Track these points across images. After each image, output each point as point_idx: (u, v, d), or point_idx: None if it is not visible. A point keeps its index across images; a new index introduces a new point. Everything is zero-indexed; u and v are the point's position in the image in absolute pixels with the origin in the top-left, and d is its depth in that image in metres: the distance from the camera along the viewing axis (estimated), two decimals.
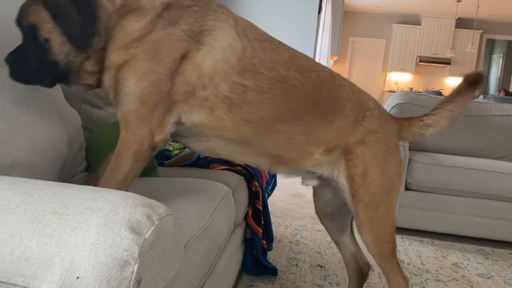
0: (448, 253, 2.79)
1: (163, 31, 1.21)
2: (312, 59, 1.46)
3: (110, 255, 0.68)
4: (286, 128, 1.36)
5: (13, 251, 0.70)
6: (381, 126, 1.47)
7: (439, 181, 2.98)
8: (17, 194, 0.77)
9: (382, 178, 1.46)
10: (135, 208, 0.75)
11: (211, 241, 1.35)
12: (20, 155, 1.19)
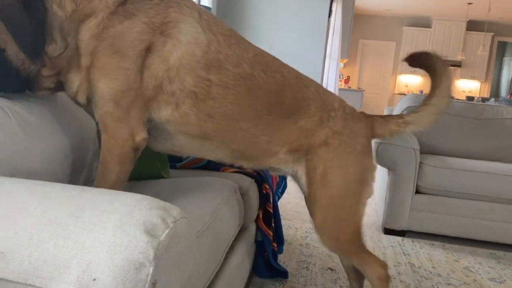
0: (459, 257, 2.78)
1: (121, 25, 1.19)
2: (278, 60, 1.47)
3: (126, 258, 0.69)
4: (249, 126, 1.36)
5: (31, 253, 0.71)
6: (346, 127, 1.45)
7: (450, 184, 2.96)
8: (35, 197, 0.78)
9: (343, 181, 1.44)
10: (150, 210, 0.76)
11: (216, 238, 1.36)
12: (38, 164, 1.21)
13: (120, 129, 1.22)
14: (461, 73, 11.74)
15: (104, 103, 1.21)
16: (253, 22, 4.72)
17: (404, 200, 3.01)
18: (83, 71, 1.21)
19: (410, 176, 2.98)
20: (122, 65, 1.19)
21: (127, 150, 1.23)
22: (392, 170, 3.02)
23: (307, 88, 1.45)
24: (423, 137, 3.30)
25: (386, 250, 2.78)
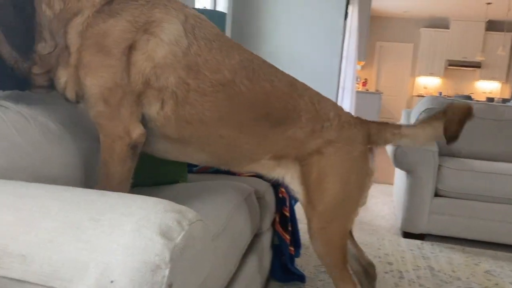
0: (480, 261, 2.74)
1: (105, 24, 1.20)
2: (271, 67, 1.41)
3: (143, 260, 0.71)
4: (230, 135, 1.32)
5: (51, 256, 0.73)
6: (341, 136, 1.40)
7: (470, 187, 2.93)
8: (56, 201, 0.80)
9: (340, 188, 1.40)
10: (166, 214, 0.77)
11: (232, 241, 1.38)
12: (57, 169, 1.24)
13: (114, 127, 1.23)
14: (481, 74, 11.58)
15: (95, 102, 1.23)
16: (268, 27, 4.74)
17: (423, 203, 2.98)
18: (71, 68, 1.24)
19: (429, 179, 2.96)
20: (107, 62, 1.20)
21: (125, 148, 1.23)
22: (410, 173, 3.00)
23: (300, 98, 1.39)
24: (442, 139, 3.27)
25: (405, 254, 2.76)
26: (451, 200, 2.99)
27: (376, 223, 3.37)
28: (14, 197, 0.82)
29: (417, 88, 12.09)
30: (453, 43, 11.53)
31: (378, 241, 2.95)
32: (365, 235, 3.06)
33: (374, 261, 2.56)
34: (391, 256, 2.70)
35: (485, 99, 10.34)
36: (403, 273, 2.47)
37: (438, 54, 11.69)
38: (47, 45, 1.24)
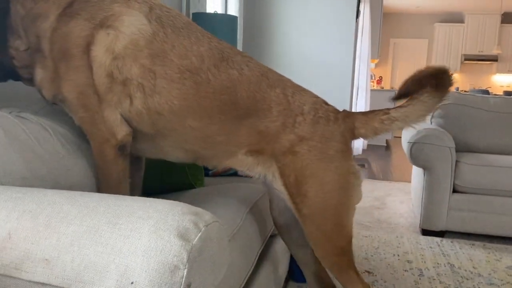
0: (501, 256, 2.72)
1: (66, 26, 1.22)
2: (246, 56, 1.37)
3: (161, 261, 0.72)
4: (200, 126, 1.28)
5: (73, 259, 0.75)
6: (315, 132, 1.31)
7: (489, 182, 2.91)
8: (75, 206, 0.82)
9: (319, 191, 1.31)
10: (183, 216, 0.79)
11: (248, 240, 1.40)
12: (77, 178, 1.27)
13: (98, 131, 1.25)
14: (498, 67, 11.41)
15: (75, 109, 1.25)
16: (279, 28, 4.75)
17: (442, 200, 2.97)
18: (48, 72, 1.27)
19: (446, 175, 2.94)
20: (72, 65, 1.21)
21: (113, 150, 1.25)
22: (427, 170, 2.98)
23: (271, 89, 1.32)
24: (459, 135, 3.25)
25: (425, 251, 2.75)
26: (470, 196, 2.97)
27: (394, 221, 3.35)
28: (34, 204, 0.84)
29: None
30: (468, 37, 11.39)
31: (397, 239, 2.94)
32: (384, 233, 3.05)
33: (393, 260, 2.56)
34: (410, 254, 2.69)
35: (502, 92, 10.19)
36: (423, 270, 2.46)
37: (454, 49, 11.57)
38: (23, 42, 1.29)
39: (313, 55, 4.72)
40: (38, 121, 1.25)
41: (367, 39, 5.78)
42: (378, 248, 2.76)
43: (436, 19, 11.69)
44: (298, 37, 4.74)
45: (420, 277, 2.37)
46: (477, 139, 3.29)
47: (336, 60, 4.69)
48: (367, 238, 2.92)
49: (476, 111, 3.29)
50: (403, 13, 11.76)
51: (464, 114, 3.29)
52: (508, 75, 11.53)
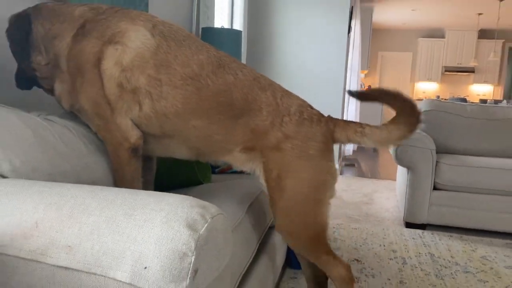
0: (476, 247, 2.71)
1: (79, 45, 1.25)
2: (240, 64, 1.37)
3: (172, 249, 0.73)
4: (201, 125, 1.29)
5: (93, 246, 0.75)
6: (299, 132, 1.30)
7: (466, 180, 2.90)
8: (95, 199, 0.83)
9: (296, 186, 1.31)
10: (191, 208, 0.79)
11: (249, 232, 1.40)
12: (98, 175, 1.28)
13: (113, 137, 1.27)
14: (475, 78, 11.39)
15: (91, 117, 1.28)
16: (279, 42, 4.75)
17: (423, 196, 2.96)
18: (66, 85, 1.31)
19: (427, 174, 2.93)
20: (86, 78, 1.24)
21: (127, 153, 1.27)
22: (411, 169, 2.98)
23: (263, 91, 1.32)
24: (439, 138, 3.25)
25: (408, 242, 2.74)
26: (449, 193, 2.96)
27: (381, 215, 3.35)
28: (58, 197, 0.85)
29: (416, 92, 11.96)
30: (448, 50, 11.38)
31: (383, 231, 2.93)
32: (371, 226, 3.04)
33: (379, 249, 2.55)
34: (395, 245, 2.69)
35: (478, 100, 10.18)
36: (406, 259, 2.46)
37: (435, 61, 11.55)
38: (43, 58, 1.33)
39: (309, 66, 4.72)
40: (63, 123, 1.27)
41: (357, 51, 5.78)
42: (366, 239, 2.75)
43: (420, 34, 11.69)
44: (296, 50, 4.74)
45: (404, 265, 2.37)
46: (456, 142, 3.29)
47: (329, 70, 4.69)
48: (356, 230, 2.92)
49: (455, 117, 3.29)
50: (390, 29, 11.75)
51: (444, 120, 3.28)
52: (483, 85, 11.52)
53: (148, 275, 0.72)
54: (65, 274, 0.76)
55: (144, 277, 0.72)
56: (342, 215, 3.28)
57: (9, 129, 1.06)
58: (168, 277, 0.71)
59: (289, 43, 4.75)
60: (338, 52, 4.66)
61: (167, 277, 0.71)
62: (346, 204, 3.61)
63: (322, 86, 4.72)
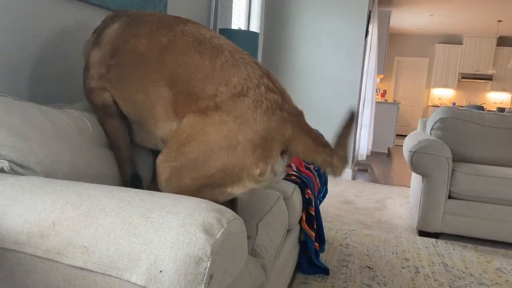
0: (491, 258, 2.66)
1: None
2: (193, 23, 1.26)
3: (187, 253, 0.72)
4: (144, 98, 1.22)
5: (108, 248, 0.75)
6: (234, 109, 1.09)
7: (482, 190, 2.85)
8: (112, 200, 0.82)
9: (200, 161, 1.10)
10: (208, 212, 0.79)
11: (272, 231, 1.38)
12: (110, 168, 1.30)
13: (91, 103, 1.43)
14: (492, 86, 11.24)
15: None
16: (296, 44, 4.74)
17: (438, 204, 2.92)
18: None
19: (443, 182, 2.89)
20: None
21: (100, 113, 1.40)
22: (426, 177, 2.94)
23: (200, 55, 1.16)
24: (456, 146, 3.20)
25: (421, 251, 2.71)
26: (464, 202, 2.91)
27: (394, 222, 3.31)
28: (75, 196, 0.85)
29: (432, 98, 11.83)
30: (465, 57, 11.24)
31: (395, 239, 2.90)
32: (384, 233, 3.01)
33: (392, 257, 2.52)
34: (407, 253, 2.65)
35: (496, 109, 10.04)
36: (418, 268, 2.42)
37: (452, 68, 11.42)
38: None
39: (325, 69, 4.70)
40: (79, 115, 1.30)
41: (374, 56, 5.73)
42: (379, 246, 2.72)
43: (437, 40, 11.57)
44: (312, 53, 4.72)
45: (416, 274, 2.34)
46: (473, 151, 3.24)
47: (346, 74, 4.66)
48: (369, 237, 2.89)
49: (472, 125, 3.24)
50: (407, 34, 11.66)
51: (461, 128, 3.24)
52: (501, 93, 11.36)
53: (163, 279, 0.71)
54: (80, 274, 0.76)
55: (159, 281, 0.71)
56: (355, 221, 3.25)
57: (32, 122, 1.08)
58: (183, 281, 0.71)
59: (306, 46, 4.73)
60: (354, 56, 4.63)
61: (182, 281, 0.71)
62: (359, 210, 3.57)
63: (338, 89, 4.69)
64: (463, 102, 11.54)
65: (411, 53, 11.82)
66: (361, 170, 5.65)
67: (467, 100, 11.61)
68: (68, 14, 1.72)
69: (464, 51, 11.24)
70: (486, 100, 11.52)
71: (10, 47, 1.46)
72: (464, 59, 11.25)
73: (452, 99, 11.71)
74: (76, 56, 1.79)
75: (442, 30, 10.94)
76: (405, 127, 11.64)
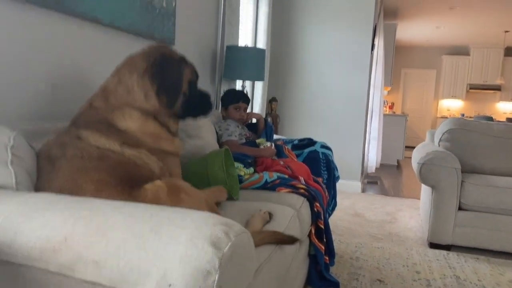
0: (504, 271, 2.62)
1: None
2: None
3: (196, 267, 0.73)
4: None
5: (119, 262, 0.76)
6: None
7: (492, 201, 2.83)
8: (121, 215, 0.84)
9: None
10: (215, 226, 0.80)
11: (281, 262, 1.38)
12: None
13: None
14: (501, 96, 11.16)
15: None
16: (302, 59, 4.77)
17: (448, 216, 2.90)
18: None
19: (452, 194, 2.87)
20: None
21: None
22: (435, 189, 2.92)
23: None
24: (464, 157, 3.17)
25: (432, 263, 2.68)
26: (474, 214, 2.89)
27: (404, 235, 3.29)
28: (87, 211, 0.86)
29: (440, 110, 11.78)
30: (473, 68, 11.19)
31: (406, 251, 2.87)
32: (394, 245, 2.99)
33: (403, 270, 2.50)
34: (418, 265, 2.63)
35: (505, 119, 9.96)
36: (430, 281, 2.40)
37: (460, 79, 11.37)
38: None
39: (332, 83, 4.72)
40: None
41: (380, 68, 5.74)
42: (389, 259, 2.70)
43: (444, 51, 11.57)
44: (319, 66, 4.75)
45: (428, 287, 2.31)
46: (482, 162, 3.21)
47: (353, 87, 4.68)
48: (379, 249, 2.87)
49: (481, 136, 3.22)
50: (414, 45, 11.67)
51: (470, 139, 3.22)
52: (510, 103, 11.28)
53: None
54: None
55: None
56: (365, 234, 3.23)
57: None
58: None
59: (312, 60, 4.76)
60: (361, 69, 4.64)
61: None
62: (369, 223, 3.55)
63: (346, 102, 4.70)
64: (472, 113, 11.47)
65: (418, 65, 11.82)
66: (371, 182, 5.62)
67: (476, 111, 11.53)
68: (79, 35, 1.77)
69: (472, 62, 11.20)
70: (496, 110, 11.44)
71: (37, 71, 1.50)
72: (472, 69, 11.21)
73: (461, 110, 11.64)
74: (91, 76, 1.83)
75: (448, 42, 10.94)
76: (414, 138, 11.57)
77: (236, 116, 2.68)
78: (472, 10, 7.60)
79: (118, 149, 1.21)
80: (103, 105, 1.31)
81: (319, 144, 2.72)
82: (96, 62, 1.88)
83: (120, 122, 1.27)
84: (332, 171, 2.63)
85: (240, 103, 2.69)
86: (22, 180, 1.04)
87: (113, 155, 1.19)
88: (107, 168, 1.14)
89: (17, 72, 1.48)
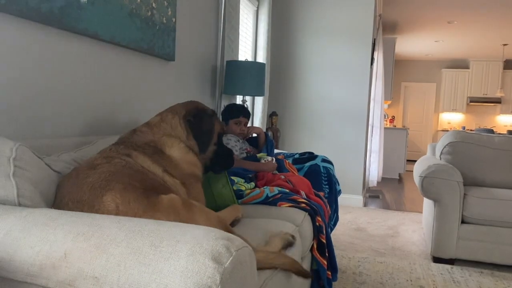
0: (509, 284, 2.60)
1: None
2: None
3: (197, 282, 0.72)
4: None
5: (119, 278, 0.76)
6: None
7: (495, 214, 2.81)
8: (122, 230, 0.84)
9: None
10: (216, 241, 0.79)
11: (284, 278, 1.37)
12: None
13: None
14: (502, 109, 11.20)
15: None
16: (302, 74, 4.80)
17: (451, 230, 2.88)
18: None
19: (455, 207, 2.86)
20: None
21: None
22: (437, 202, 2.91)
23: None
24: (466, 170, 3.17)
25: (436, 277, 2.65)
26: (478, 227, 2.87)
27: (407, 249, 3.26)
28: (86, 227, 0.86)
29: (441, 123, 11.80)
30: (473, 81, 11.24)
31: (409, 266, 2.85)
32: (397, 260, 2.96)
33: (406, 285, 2.48)
34: (422, 280, 2.60)
35: (506, 132, 9.96)
36: None
37: (460, 92, 11.42)
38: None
39: (332, 97, 4.74)
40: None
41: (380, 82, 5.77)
42: (392, 274, 2.68)
43: (444, 65, 11.63)
44: (318, 81, 4.77)
45: None
46: (483, 174, 3.20)
47: (353, 101, 4.70)
48: (382, 264, 2.84)
49: (482, 148, 3.22)
50: (413, 59, 11.75)
51: (471, 151, 3.22)
52: (511, 116, 11.29)
53: None
54: None
55: None
56: (367, 248, 3.21)
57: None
58: None
59: (312, 75, 4.79)
60: (361, 83, 4.67)
61: None
62: (371, 237, 3.53)
63: (346, 117, 4.71)
64: (473, 126, 11.48)
65: (418, 78, 11.87)
66: (372, 196, 5.60)
67: (477, 124, 11.55)
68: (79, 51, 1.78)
69: (471, 75, 11.26)
70: (496, 123, 11.45)
71: None
72: (472, 83, 11.26)
73: (461, 123, 11.66)
74: (93, 93, 1.84)
75: (448, 55, 11.02)
76: (415, 152, 11.57)
77: (236, 130, 2.68)
78: (470, 24, 7.67)
79: (160, 173, 1.36)
80: (149, 131, 1.49)
81: (320, 158, 2.71)
82: (98, 79, 1.89)
83: (167, 148, 1.45)
84: (333, 185, 2.62)
85: (241, 117, 2.70)
86: (25, 192, 1.03)
87: (152, 176, 1.31)
88: (140, 179, 1.23)
89: (23, 91, 1.49)
